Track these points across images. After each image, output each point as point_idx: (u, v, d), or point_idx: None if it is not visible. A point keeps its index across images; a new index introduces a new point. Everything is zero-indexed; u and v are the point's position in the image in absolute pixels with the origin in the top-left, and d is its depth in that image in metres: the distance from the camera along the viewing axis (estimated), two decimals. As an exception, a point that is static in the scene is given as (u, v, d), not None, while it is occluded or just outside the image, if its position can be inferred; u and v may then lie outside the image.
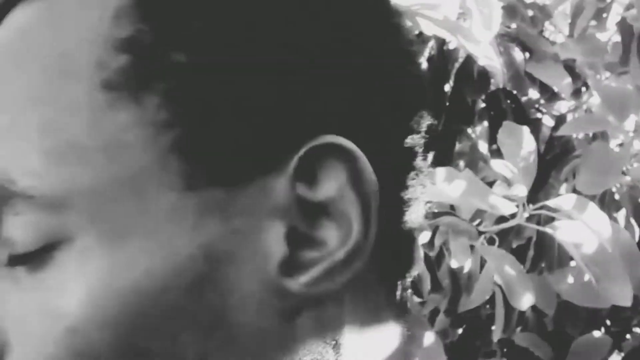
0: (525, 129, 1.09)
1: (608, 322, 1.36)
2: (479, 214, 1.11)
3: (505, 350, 1.30)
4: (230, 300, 0.35)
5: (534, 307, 1.23)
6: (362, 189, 0.36)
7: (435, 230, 0.97)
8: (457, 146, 1.52)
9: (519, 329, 1.33)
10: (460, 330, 1.32)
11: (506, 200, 0.92)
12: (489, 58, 1.20)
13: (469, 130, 1.57)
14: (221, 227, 0.35)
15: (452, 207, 1.00)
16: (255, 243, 0.35)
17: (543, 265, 1.33)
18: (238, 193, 0.35)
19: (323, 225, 0.36)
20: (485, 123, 1.54)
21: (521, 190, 0.95)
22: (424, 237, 0.99)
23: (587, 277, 1.17)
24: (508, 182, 0.99)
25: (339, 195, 0.36)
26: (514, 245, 1.28)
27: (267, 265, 0.35)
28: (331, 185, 0.36)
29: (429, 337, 0.95)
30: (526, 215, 0.99)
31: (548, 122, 1.58)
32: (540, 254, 1.30)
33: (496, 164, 1.01)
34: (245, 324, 0.35)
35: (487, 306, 1.21)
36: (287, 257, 0.35)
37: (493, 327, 1.20)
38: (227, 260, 0.35)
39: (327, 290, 0.36)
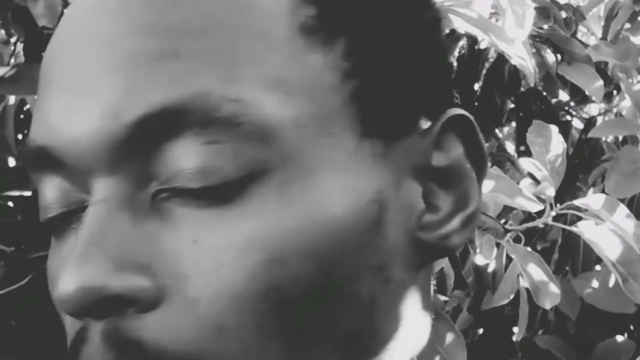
0: (555, 129, 1.08)
1: (632, 327, 1.35)
2: (505, 212, 1.11)
3: (526, 351, 1.29)
4: (387, 245, 0.36)
5: (556, 310, 1.22)
6: (477, 161, 0.39)
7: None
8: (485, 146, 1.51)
9: (540, 331, 1.33)
10: (481, 330, 1.31)
11: (534, 198, 0.92)
12: (521, 58, 1.19)
13: (497, 130, 1.56)
14: (386, 176, 0.36)
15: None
16: (404, 195, 0.37)
17: (567, 268, 1.32)
18: (394, 147, 0.37)
19: (438, 190, 0.39)
20: (513, 123, 1.53)
21: (549, 189, 0.95)
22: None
23: (612, 282, 1.16)
24: (536, 181, 0.98)
25: (458, 163, 0.38)
26: (539, 248, 1.27)
27: (410, 217, 0.37)
28: (453, 154, 0.39)
29: (451, 335, 0.95)
30: (553, 214, 0.99)
31: (578, 124, 1.57)
32: (564, 257, 1.29)
33: (525, 162, 1.01)
34: (394, 270, 0.37)
35: (509, 307, 1.20)
36: (424, 213, 0.38)
37: (515, 328, 1.19)
38: (389, 207, 0.36)
39: (453, 246, 0.38)
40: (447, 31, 1.42)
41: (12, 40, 1.18)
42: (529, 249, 0.97)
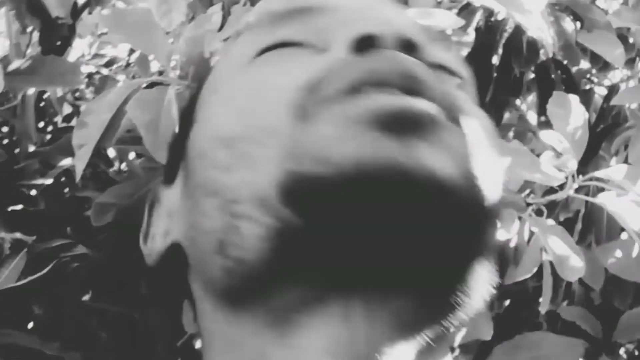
0: (576, 99, 1.07)
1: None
2: (527, 185, 1.10)
3: (551, 323, 1.29)
4: None
5: (580, 281, 1.21)
6: None
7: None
8: (506, 117, 1.50)
9: (565, 303, 1.32)
10: (507, 302, 1.31)
11: (555, 171, 0.91)
12: (539, 29, 1.18)
13: (518, 102, 1.55)
14: None
15: (499, 178, 0.99)
16: None
17: (591, 239, 1.31)
18: None
19: None
20: (535, 94, 1.52)
21: (571, 162, 0.94)
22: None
23: (635, 251, 1.15)
24: (557, 153, 0.98)
25: None
26: (562, 219, 1.26)
27: None
28: None
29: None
30: (575, 186, 0.98)
31: (602, 91, 1.55)
32: (588, 227, 1.28)
33: (545, 135, 1.00)
34: None
35: (534, 279, 1.20)
36: None
37: (540, 300, 1.19)
38: None
39: None
40: (463, 3, 1.40)
41: (29, 29, 1.18)
42: (551, 221, 0.96)
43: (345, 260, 0.43)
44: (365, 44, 0.47)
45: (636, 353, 1.26)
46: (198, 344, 1.10)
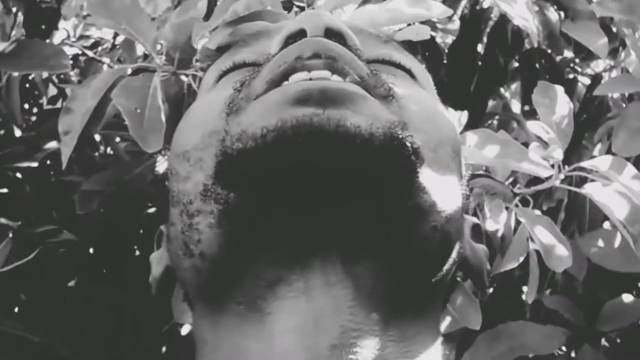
0: (560, 89, 1.07)
1: None
2: (512, 176, 1.10)
3: (535, 312, 1.30)
4: None
5: (564, 270, 1.22)
6: None
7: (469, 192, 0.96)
8: (490, 105, 1.50)
9: (548, 291, 1.33)
10: (491, 290, 1.32)
11: (543, 161, 0.91)
12: (524, 18, 1.18)
13: (502, 90, 1.55)
14: None
15: (486, 168, 0.99)
16: None
17: (574, 228, 1.32)
18: None
19: None
20: (519, 82, 1.52)
21: (557, 152, 0.94)
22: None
23: (617, 241, 1.16)
24: (543, 143, 0.98)
25: None
26: (545, 208, 1.27)
27: None
28: None
29: (463, 298, 0.95)
30: (562, 176, 0.98)
31: (585, 81, 1.55)
32: (571, 216, 1.29)
33: (532, 125, 1.00)
34: None
35: (519, 269, 1.20)
36: None
37: (524, 288, 1.19)
38: None
39: None
40: (450, -9, 1.40)
41: (14, 10, 1.16)
42: (537, 211, 0.97)
43: (286, 222, 0.47)
44: (294, 38, 0.54)
45: (618, 341, 1.27)
46: (183, 331, 1.10)
